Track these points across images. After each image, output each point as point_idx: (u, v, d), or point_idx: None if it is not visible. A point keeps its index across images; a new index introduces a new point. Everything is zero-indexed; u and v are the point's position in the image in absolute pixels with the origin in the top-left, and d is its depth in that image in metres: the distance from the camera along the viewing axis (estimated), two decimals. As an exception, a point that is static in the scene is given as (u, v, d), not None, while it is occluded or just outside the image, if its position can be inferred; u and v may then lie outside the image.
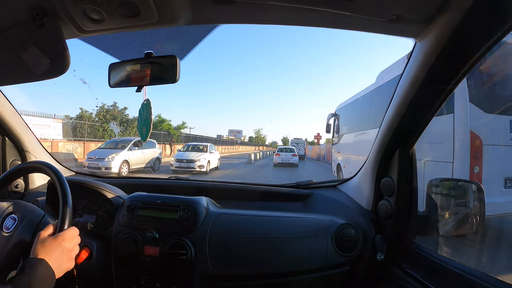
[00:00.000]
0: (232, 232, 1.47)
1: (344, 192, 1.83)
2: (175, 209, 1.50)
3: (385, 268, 1.42)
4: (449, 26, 0.89)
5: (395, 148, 1.37)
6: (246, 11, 0.99)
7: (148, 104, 1.30)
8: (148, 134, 1.41)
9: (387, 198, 1.43)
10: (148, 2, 0.85)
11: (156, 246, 1.42)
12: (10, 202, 1.15)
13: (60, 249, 0.98)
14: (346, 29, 1.08)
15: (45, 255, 0.94)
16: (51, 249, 0.96)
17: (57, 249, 0.97)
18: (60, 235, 1.01)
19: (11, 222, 1.07)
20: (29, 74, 1.03)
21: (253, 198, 1.92)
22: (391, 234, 1.42)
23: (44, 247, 0.95)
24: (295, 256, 1.43)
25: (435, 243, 1.42)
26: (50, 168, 1.16)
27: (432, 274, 1.21)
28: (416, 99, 1.15)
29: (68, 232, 1.03)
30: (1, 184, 1.21)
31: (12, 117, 1.69)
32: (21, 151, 1.83)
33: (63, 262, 0.99)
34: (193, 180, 2.17)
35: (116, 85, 1.22)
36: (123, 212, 1.51)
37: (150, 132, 1.37)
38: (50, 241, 0.98)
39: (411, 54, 1.11)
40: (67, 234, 1.02)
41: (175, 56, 1.11)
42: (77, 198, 1.53)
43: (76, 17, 0.92)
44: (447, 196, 1.44)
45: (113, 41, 1.24)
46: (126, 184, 1.93)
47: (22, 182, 1.78)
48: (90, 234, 1.46)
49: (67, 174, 2.08)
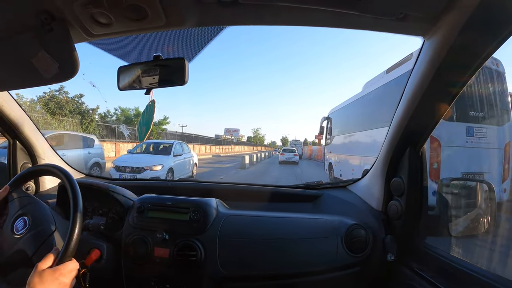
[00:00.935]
0: (242, 233, 1.47)
1: (354, 193, 1.82)
2: (185, 210, 1.51)
3: (396, 268, 1.40)
4: (458, 24, 0.88)
5: (405, 148, 1.36)
6: (252, 12, 0.99)
7: (152, 105, 1.31)
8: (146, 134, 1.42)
9: (397, 198, 1.41)
10: (156, 5, 0.85)
11: (166, 247, 1.42)
12: (26, 203, 1.16)
13: (57, 283, 0.96)
14: (353, 28, 1.07)
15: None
16: (47, 282, 0.94)
17: (53, 283, 0.95)
18: (58, 268, 0.98)
19: (22, 225, 1.08)
20: (38, 78, 1.03)
21: (262, 199, 1.91)
22: (401, 235, 1.41)
23: (41, 280, 0.93)
24: (304, 258, 1.42)
25: (445, 244, 1.40)
26: (60, 171, 1.17)
27: (442, 274, 1.19)
28: (425, 98, 1.14)
29: (66, 266, 1.00)
30: (13, 186, 1.22)
31: (22, 121, 1.71)
32: (31, 154, 1.84)
33: None
34: (202, 182, 2.17)
35: (125, 88, 1.23)
36: (133, 213, 1.52)
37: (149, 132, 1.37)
38: (47, 274, 0.95)
39: (419, 52, 1.10)
40: (65, 268, 1.00)
41: (183, 58, 1.12)
42: (87, 200, 1.54)
43: (84, 21, 0.93)
44: (458, 196, 1.43)
45: (122, 45, 1.25)
46: (136, 186, 1.94)
47: (33, 185, 1.80)
48: (101, 235, 1.47)
49: (77, 176, 2.10)
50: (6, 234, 1.08)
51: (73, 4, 0.85)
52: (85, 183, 1.57)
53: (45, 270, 0.96)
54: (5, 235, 1.07)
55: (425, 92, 1.12)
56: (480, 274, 1.06)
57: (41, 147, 1.87)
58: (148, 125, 1.33)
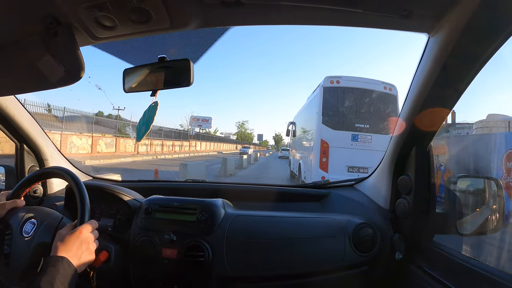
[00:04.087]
0: (249, 234, 1.47)
1: (361, 191, 1.81)
2: (192, 211, 1.51)
3: (404, 267, 1.40)
4: (463, 20, 0.88)
5: (412, 146, 1.35)
6: (256, 12, 0.99)
7: (155, 107, 1.32)
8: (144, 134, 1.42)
9: (405, 197, 1.41)
10: (160, 8, 0.85)
11: (173, 248, 1.43)
12: (29, 208, 1.17)
13: (79, 242, 1.00)
14: (358, 26, 1.07)
15: (65, 252, 0.95)
16: (70, 244, 0.98)
17: (75, 243, 0.99)
18: (78, 229, 1.02)
19: (31, 227, 1.09)
20: (44, 82, 1.04)
21: (269, 199, 1.91)
22: (409, 233, 1.40)
23: (64, 244, 0.97)
24: (312, 257, 1.42)
25: (454, 242, 1.39)
26: (67, 173, 1.18)
27: (451, 273, 1.19)
28: (431, 95, 1.13)
29: (85, 226, 1.05)
30: (21, 189, 1.23)
31: (29, 124, 1.72)
32: (39, 157, 1.86)
33: (83, 256, 1.00)
34: (209, 183, 2.18)
35: (130, 90, 1.23)
36: (140, 215, 1.53)
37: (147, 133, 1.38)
38: (68, 237, 0.99)
39: (424, 49, 1.09)
40: (84, 227, 1.04)
41: (188, 60, 1.12)
42: (95, 202, 1.55)
43: (89, 24, 0.93)
44: (466, 193, 1.41)
45: (127, 47, 1.25)
46: (142, 187, 1.95)
47: (40, 188, 1.81)
48: (109, 237, 1.48)
49: (84, 179, 2.11)
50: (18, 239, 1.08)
51: (78, 8, 0.85)
52: (93, 185, 1.58)
53: (66, 234, 1.00)
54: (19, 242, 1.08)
55: (431, 89, 1.11)
56: (490, 272, 1.05)
57: (48, 150, 1.88)
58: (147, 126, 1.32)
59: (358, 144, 8.77)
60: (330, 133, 8.82)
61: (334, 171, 8.69)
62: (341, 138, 8.75)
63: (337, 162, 8.72)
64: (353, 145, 8.76)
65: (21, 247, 1.06)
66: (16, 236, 1.08)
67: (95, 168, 14.36)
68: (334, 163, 8.73)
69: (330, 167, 8.76)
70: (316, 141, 9.04)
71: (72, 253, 0.97)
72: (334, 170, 8.69)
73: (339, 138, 8.75)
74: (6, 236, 1.08)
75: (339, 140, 8.75)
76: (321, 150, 8.78)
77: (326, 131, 8.85)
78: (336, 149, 8.75)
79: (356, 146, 8.76)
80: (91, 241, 1.05)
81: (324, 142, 8.80)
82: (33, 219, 1.11)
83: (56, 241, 0.99)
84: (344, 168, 8.77)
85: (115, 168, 16.83)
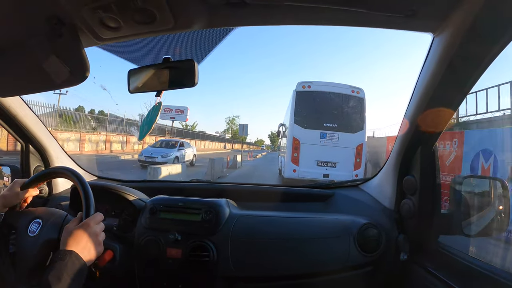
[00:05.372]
0: (254, 234, 1.47)
1: (366, 192, 1.80)
2: (197, 211, 1.51)
3: (409, 268, 1.39)
4: (467, 19, 0.87)
5: (417, 146, 1.34)
6: (261, 13, 0.99)
7: (158, 107, 1.32)
8: (146, 133, 1.43)
9: (410, 197, 1.40)
10: (164, 8, 0.85)
11: (178, 248, 1.43)
12: (33, 209, 1.18)
13: (87, 234, 1.00)
14: (363, 26, 1.06)
15: (75, 246, 0.95)
16: (79, 237, 0.98)
17: (84, 236, 0.99)
18: (85, 221, 1.03)
19: (36, 226, 1.10)
20: (50, 83, 1.05)
21: (273, 199, 1.91)
22: (414, 234, 1.40)
23: (73, 237, 0.97)
24: (317, 257, 1.42)
25: (459, 242, 1.38)
26: (72, 173, 1.19)
27: (456, 274, 1.18)
28: (436, 95, 1.13)
29: (92, 218, 1.05)
30: (33, 183, 1.24)
31: (34, 125, 1.73)
32: (44, 157, 1.87)
33: (92, 248, 1.00)
34: (213, 183, 2.18)
35: (135, 91, 1.24)
36: (145, 215, 1.53)
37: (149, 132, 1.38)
38: (76, 230, 0.99)
39: (429, 49, 1.09)
40: (91, 220, 1.05)
41: (192, 60, 1.12)
42: (100, 202, 1.55)
43: (94, 25, 0.93)
44: (471, 193, 1.40)
45: (131, 48, 1.25)
46: (147, 187, 1.96)
47: (46, 187, 1.82)
48: (114, 237, 1.48)
49: (89, 179, 2.12)
50: (24, 238, 1.09)
51: (82, 9, 0.85)
52: (98, 185, 1.58)
53: (73, 228, 1.00)
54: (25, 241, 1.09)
55: (436, 89, 1.10)
56: (496, 274, 1.04)
57: (53, 151, 1.89)
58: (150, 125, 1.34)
59: (327, 141, 10.17)
60: (301, 132, 10.17)
61: (304, 165, 10.15)
62: (311, 136, 10.11)
63: (308, 157, 10.13)
64: (322, 142, 10.16)
65: (27, 245, 1.06)
66: (21, 235, 1.09)
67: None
68: (304, 158, 10.16)
69: (301, 161, 10.17)
70: (288, 138, 10.46)
71: (82, 245, 0.97)
72: (305, 164, 10.16)
73: (309, 136, 10.11)
74: (11, 236, 1.09)
75: (309, 137, 10.10)
76: (293, 146, 10.19)
77: (298, 129, 10.20)
78: (306, 145, 10.12)
79: (325, 143, 10.15)
80: (99, 233, 1.06)
81: (296, 139, 10.19)
82: (38, 219, 1.12)
83: (64, 236, 0.99)
84: (314, 163, 10.22)
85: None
